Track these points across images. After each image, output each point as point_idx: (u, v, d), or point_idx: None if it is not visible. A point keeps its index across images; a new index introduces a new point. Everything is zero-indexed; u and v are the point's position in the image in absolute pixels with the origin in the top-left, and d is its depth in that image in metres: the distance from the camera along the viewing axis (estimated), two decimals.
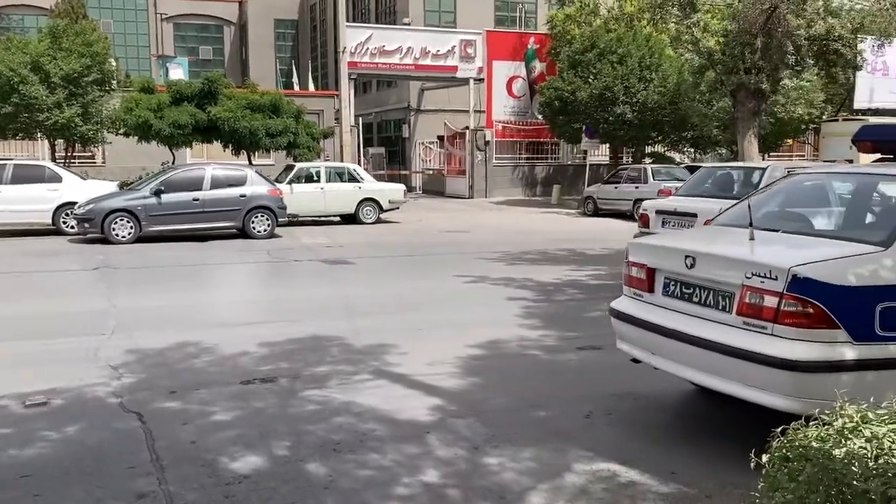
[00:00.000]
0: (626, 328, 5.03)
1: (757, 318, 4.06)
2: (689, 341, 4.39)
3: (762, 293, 4.04)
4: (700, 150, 27.26)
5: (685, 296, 4.59)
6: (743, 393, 4.17)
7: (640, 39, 24.94)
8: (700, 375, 4.47)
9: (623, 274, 5.24)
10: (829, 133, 26.43)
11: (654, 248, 5.11)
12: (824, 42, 19.51)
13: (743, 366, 4.08)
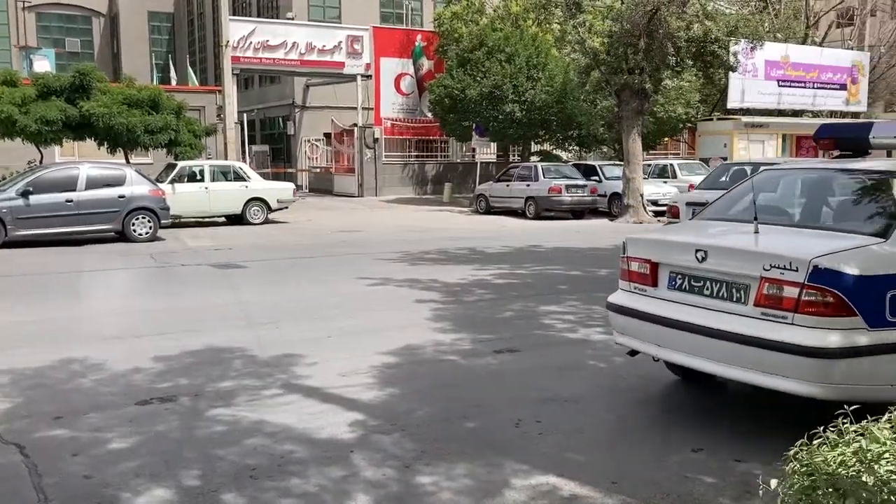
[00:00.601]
0: (628, 322, 5.11)
1: (776, 308, 4.22)
2: (702, 333, 4.49)
3: (781, 284, 4.19)
4: (585, 149, 27.87)
5: (694, 289, 4.72)
6: (763, 381, 4.31)
7: (526, 39, 25.22)
8: (714, 366, 4.55)
9: (620, 269, 5.29)
10: (705, 131, 27.71)
11: (658, 242, 5.21)
12: (702, 44, 20.22)
13: (763, 354, 4.22)
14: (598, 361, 6.25)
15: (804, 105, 29.33)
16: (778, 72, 28.05)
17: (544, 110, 24.31)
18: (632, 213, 20.09)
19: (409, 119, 29.94)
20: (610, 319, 5.41)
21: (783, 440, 4.35)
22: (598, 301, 8.69)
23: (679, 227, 5.79)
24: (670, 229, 5.82)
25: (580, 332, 7.28)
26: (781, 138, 27.73)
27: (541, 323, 7.69)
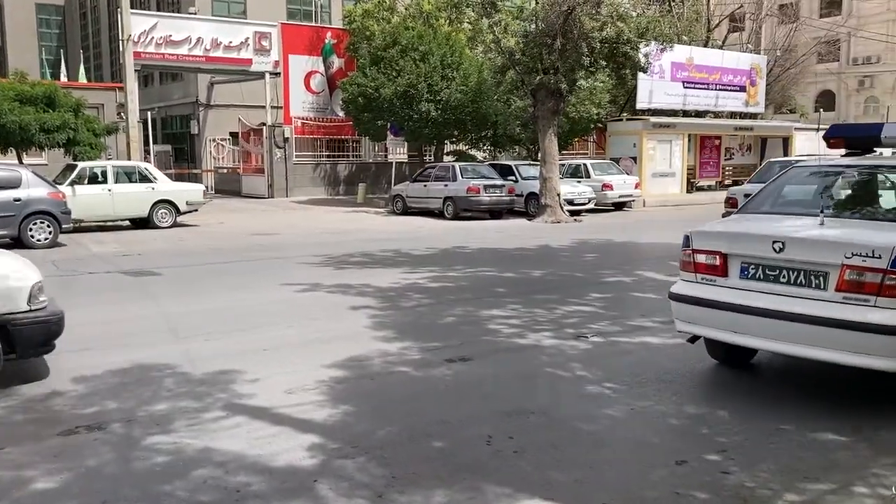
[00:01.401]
0: (697, 311, 5.43)
1: (858, 292, 4.67)
2: (783, 318, 4.91)
3: (863, 270, 4.64)
4: (500, 148, 27.88)
5: (770, 277, 5.12)
6: (847, 359, 4.73)
7: (440, 38, 25.02)
8: (796, 348, 4.97)
9: (682, 261, 5.66)
10: (615, 132, 28.14)
11: (728, 235, 5.53)
12: (615, 45, 20.48)
13: (847, 335, 4.65)
14: (555, 369, 6.03)
15: (707, 106, 30.24)
16: (683, 73, 28.82)
17: (459, 110, 24.16)
18: (549, 213, 20.15)
19: (320, 118, 29.26)
20: (674, 309, 5.68)
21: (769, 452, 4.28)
22: (539, 304, 8.56)
23: (737, 220, 6.08)
24: (731, 223, 6.06)
25: (529, 337, 7.06)
26: (687, 138, 28.49)
27: (486, 328, 7.43)
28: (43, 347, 5.63)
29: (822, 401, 5.24)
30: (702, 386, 5.65)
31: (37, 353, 5.65)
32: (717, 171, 31.05)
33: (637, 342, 6.87)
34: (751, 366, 6.08)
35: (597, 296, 9.15)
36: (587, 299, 8.93)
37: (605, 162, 25.40)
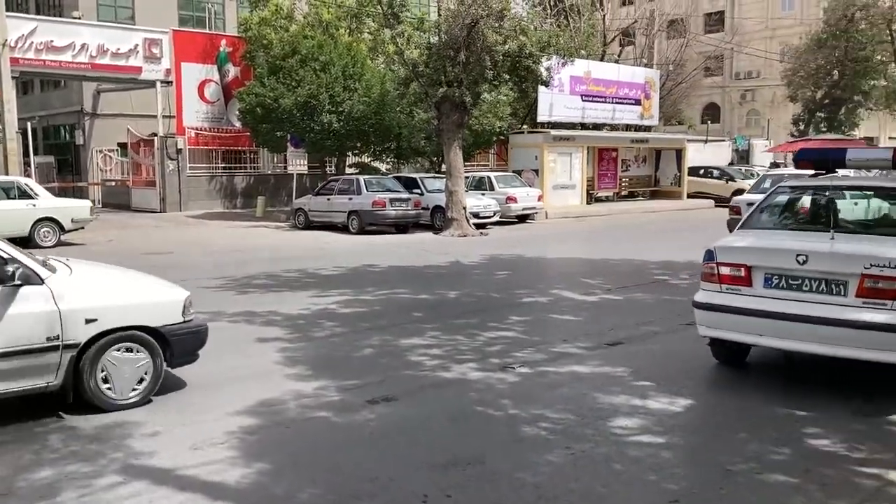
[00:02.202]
0: (724, 317, 6.16)
1: (877, 297, 5.47)
2: (808, 321, 5.66)
3: (880, 279, 5.45)
4: (403, 161, 27.52)
5: (793, 286, 5.86)
6: (867, 356, 5.56)
7: (341, 48, 24.47)
8: (820, 347, 5.74)
9: (706, 273, 6.35)
10: (517, 144, 28.27)
11: (752, 249, 6.26)
12: (517, 58, 20.48)
13: (868, 335, 5.44)
14: (486, 407, 5.67)
15: (605, 119, 30.83)
16: (582, 87, 29.27)
17: (362, 121, 23.64)
18: (456, 227, 19.91)
19: (215, 128, 28.12)
20: (698, 316, 6.39)
21: (721, 500, 4.09)
22: (459, 330, 8.20)
23: (752, 235, 6.63)
24: (749, 238, 6.57)
25: (454, 369, 6.68)
26: (586, 150, 28.92)
27: (407, 361, 7.01)
28: (191, 356, 6.08)
29: (767, 436, 5.08)
30: (639, 423, 5.40)
31: (186, 361, 6.06)
32: (615, 183, 31.68)
33: (565, 372, 6.61)
34: (692, 396, 5.91)
35: (516, 318, 8.88)
36: (507, 323, 8.64)
37: (508, 174, 25.42)
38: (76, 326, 5.35)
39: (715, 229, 20.98)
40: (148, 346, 5.71)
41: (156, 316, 5.78)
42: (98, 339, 5.48)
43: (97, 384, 5.49)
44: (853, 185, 7.16)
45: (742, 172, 33.76)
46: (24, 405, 5.59)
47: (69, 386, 5.41)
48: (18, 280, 5.16)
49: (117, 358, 5.57)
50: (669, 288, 11.23)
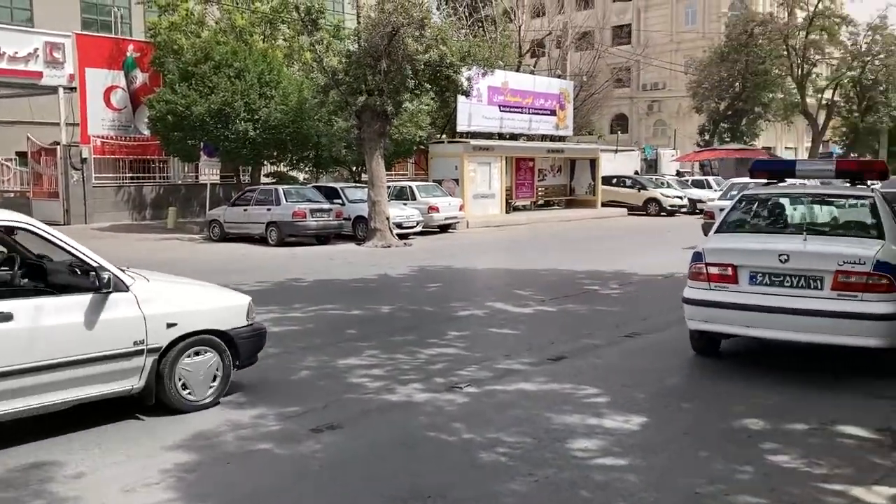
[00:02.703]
0: (714, 312, 6.91)
1: (849, 290, 6.33)
2: (790, 313, 6.49)
3: (851, 274, 6.33)
4: (322, 170, 26.98)
5: (775, 283, 6.65)
6: (841, 341, 6.43)
7: (256, 54, 23.80)
8: (801, 335, 6.61)
9: (694, 273, 7.11)
10: (437, 154, 28.15)
11: (739, 251, 7.01)
12: (438, 68, 20.36)
13: (842, 322, 6.31)
14: (438, 432, 5.40)
15: (522, 129, 31.04)
16: (500, 97, 29.39)
17: (279, 130, 23.02)
18: (379, 237, 19.58)
19: (122, 137, 26.86)
20: (689, 311, 7.17)
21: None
22: (398, 347, 7.90)
23: (732, 238, 7.43)
24: (731, 241, 7.33)
25: (399, 391, 6.39)
26: (505, 160, 29.05)
27: (348, 383, 6.67)
28: (253, 358, 6.39)
29: (728, 453, 4.99)
30: (598, 444, 5.23)
31: (250, 362, 6.36)
32: (532, 192, 31.97)
33: (514, 390, 6.40)
34: (645, 412, 5.78)
35: (455, 334, 8.65)
36: (447, 339, 8.40)
37: (430, 184, 25.25)
38: (158, 331, 5.60)
39: (632, 239, 21.50)
40: (218, 348, 5.99)
41: (225, 320, 6.08)
42: (177, 343, 5.72)
43: (176, 386, 5.71)
44: (814, 193, 8.14)
45: (653, 181, 34.60)
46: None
47: (151, 388, 5.61)
48: (111, 287, 5.33)
49: (193, 361, 5.82)
50: (601, 298, 11.23)
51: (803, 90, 46.28)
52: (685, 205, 32.24)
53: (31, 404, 5.06)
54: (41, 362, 5.04)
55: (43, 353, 5.04)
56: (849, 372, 6.96)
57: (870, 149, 54.09)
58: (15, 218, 5.49)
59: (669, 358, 7.58)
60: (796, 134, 61.93)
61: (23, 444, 5.11)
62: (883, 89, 50.60)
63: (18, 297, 5.20)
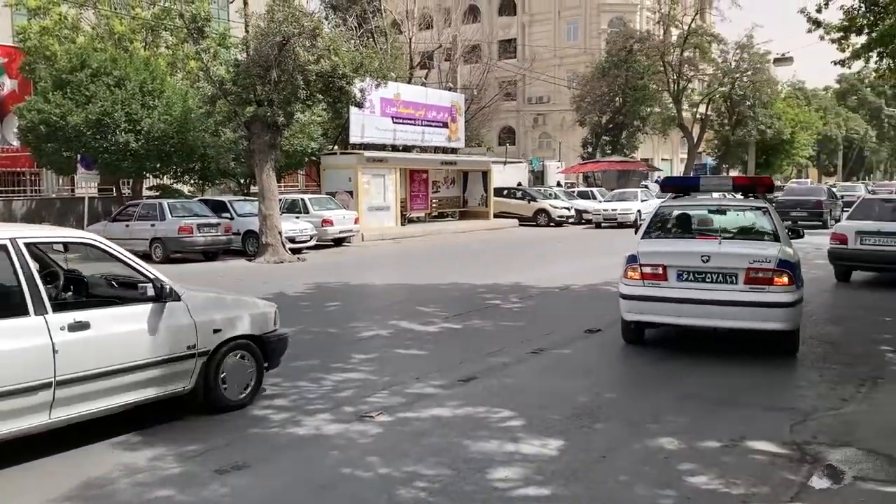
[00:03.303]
0: (649, 305, 8.19)
1: (757, 284, 7.71)
2: (712, 303, 7.82)
3: (760, 270, 7.73)
4: (209, 183, 26.01)
5: (698, 279, 7.98)
6: (755, 325, 7.86)
7: (137, 62, 22.70)
8: (719, 322, 8.03)
9: (628, 273, 8.35)
10: (329, 166, 27.73)
11: (668, 253, 8.34)
12: (330, 79, 20.00)
13: (755, 310, 7.72)
14: (353, 468, 5.13)
15: (415, 141, 31.00)
16: (392, 109, 29.24)
17: (163, 141, 22.02)
18: (271, 252, 18.99)
19: None
20: (625, 305, 8.41)
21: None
22: (302, 374, 7.56)
23: (659, 242, 8.81)
24: (660, 245, 8.68)
25: (306, 423, 6.07)
26: (399, 172, 28.92)
27: (251, 416, 6.29)
28: (279, 359, 6.99)
29: (647, 476, 4.97)
30: (519, 472, 5.10)
31: (275, 364, 6.96)
32: (427, 204, 32.00)
33: (428, 417, 6.21)
34: (561, 435, 5.69)
35: (360, 357, 8.38)
36: (352, 363, 8.12)
37: (323, 197, 24.81)
38: (207, 336, 6.16)
39: (526, 250, 21.73)
40: (253, 352, 6.57)
41: (258, 326, 6.65)
42: (221, 347, 6.28)
43: (220, 387, 6.26)
44: (720, 204, 9.87)
45: (542, 193, 35.30)
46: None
47: (200, 389, 6.17)
48: (171, 297, 5.91)
49: (233, 363, 6.39)
50: (504, 313, 11.21)
51: (679, 105, 48.41)
52: (573, 215, 33.04)
53: (105, 406, 5.56)
54: (115, 366, 5.53)
55: (116, 358, 5.54)
56: (747, 385, 7.16)
57: (739, 160, 57.27)
58: (83, 235, 6.29)
59: (577, 375, 7.58)
60: (672, 146, 64.81)
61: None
62: (751, 104, 53.68)
63: (92, 308, 5.66)
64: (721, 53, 50.80)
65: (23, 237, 5.35)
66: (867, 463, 5.18)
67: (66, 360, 5.18)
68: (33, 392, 5.03)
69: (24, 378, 4.99)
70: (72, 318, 5.31)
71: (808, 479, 4.93)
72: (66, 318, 5.29)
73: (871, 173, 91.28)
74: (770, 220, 8.79)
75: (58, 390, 5.15)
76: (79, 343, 5.27)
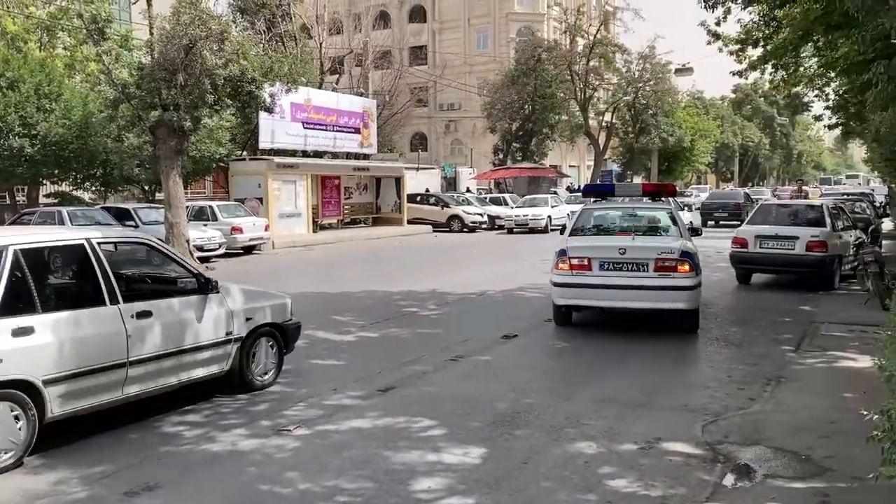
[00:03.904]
0: (577, 290, 9.74)
1: (665, 271, 9.28)
2: (629, 288, 9.38)
3: (666, 260, 9.32)
4: (111, 190, 25.01)
5: (616, 268, 9.50)
6: (662, 305, 9.44)
7: (32, 64, 21.64)
8: (634, 303, 9.56)
9: (558, 263, 9.82)
10: (238, 171, 27.12)
11: (592, 247, 9.91)
12: (239, 83, 19.56)
13: (663, 293, 9.30)
14: (272, 485, 4.98)
15: (327, 147, 30.65)
16: (303, 114, 28.82)
17: (62, 146, 21.05)
18: None
19: None
20: (556, 292, 9.95)
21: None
22: (213, 387, 7.30)
23: (585, 238, 10.45)
24: (585, 240, 10.33)
25: (221, 439, 5.87)
26: (310, 178, 28.53)
27: (161, 433, 6.04)
28: (293, 345, 7.87)
29: (569, 482, 5.01)
30: (442, 482, 5.06)
31: (291, 349, 7.84)
32: (339, 210, 31.70)
33: (347, 429, 6.11)
34: (482, 443, 5.68)
35: None
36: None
37: (232, 204, 24.20)
38: (241, 324, 7.05)
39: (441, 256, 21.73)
40: (275, 338, 7.48)
41: (279, 315, 7.57)
42: (252, 334, 7.18)
43: (252, 369, 7.19)
44: (633, 207, 11.40)
45: (455, 199, 35.49)
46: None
47: (235, 371, 7.04)
48: (215, 289, 6.84)
49: (261, 348, 7.30)
50: (421, 320, 11.18)
51: (586, 113, 49.63)
52: (485, 221, 33.31)
53: (163, 384, 6.38)
54: (171, 349, 6.37)
55: (172, 343, 6.37)
56: (660, 387, 7.35)
57: (643, 167, 59.16)
58: (139, 235, 7.49)
59: (496, 382, 7.61)
60: (579, 153, 66.36)
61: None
62: (653, 113, 55.57)
63: (151, 299, 6.41)
64: (625, 63, 52.39)
65: (94, 237, 6.14)
66: (776, 461, 5.38)
67: (135, 343, 6.02)
68: (112, 371, 5.88)
69: (107, 358, 5.83)
70: (139, 308, 6.14)
71: (722, 478, 5.08)
72: (134, 307, 6.11)
73: (764, 179, 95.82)
74: (673, 219, 10.54)
75: (129, 369, 5.99)
76: (145, 329, 6.13)
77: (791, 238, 13.69)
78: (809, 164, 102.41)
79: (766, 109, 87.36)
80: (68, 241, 6.17)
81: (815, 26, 11.56)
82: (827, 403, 6.78)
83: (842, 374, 7.93)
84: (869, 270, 11.92)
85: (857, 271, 13.27)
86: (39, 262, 5.96)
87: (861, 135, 25.48)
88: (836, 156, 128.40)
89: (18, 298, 5.40)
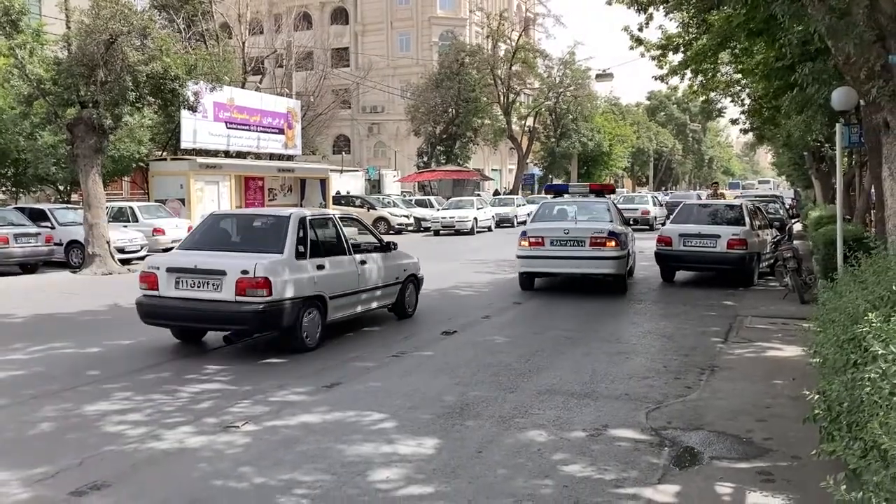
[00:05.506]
0: (533, 261, 13.26)
1: (597, 246, 12.76)
2: (571, 258, 12.89)
3: (598, 237, 12.75)
4: (24, 189, 23.92)
5: (562, 244, 12.91)
6: (596, 271, 13.03)
7: None
8: (576, 269, 13.11)
9: (521, 243, 13.31)
10: (158, 172, 26.40)
11: (544, 229, 13.30)
12: (162, 80, 19.06)
13: (596, 262, 12.84)
14: (226, 480, 4.88)
15: (250, 147, 30.19)
16: (226, 114, 28.29)
17: None
18: (99, 264, 17.75)
19: None
20: (521, 262, 13.43)
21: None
22: (153, 386, 7.15)
23: (540, 225, 13.64)
24: (541, 225, 13.66)
25: (167, 437, 5.71)
26: (234, 179, 28.01)
27: (104, 433, 5.84)
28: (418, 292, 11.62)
29: (523, 468, 5.08)
30: (400, 472, 5.06)
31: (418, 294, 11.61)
32: None
33: (296, 424, 6.03)
34: (435, 434, 5.70)
35: (215, 367, 8.00)
36: (207, 373, 7.74)
37: (152, 205, 23.52)
38: (401, 273, 10.72)
39: None
40: (415, 284, 11.26)
41: (415, 268, 11.25)
42: (406, 281, 10.82)
43: (405, 305, 10.96)
44: (580, 201, 14.62)
45: (381, 201, 35.41)
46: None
47: (400, 304, 10.82)
48: (396, 249, 10.74)
49: (409, 290, 11.03)
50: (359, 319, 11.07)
51: (509, 117, 50.29)
52: (412, 223, 33.36)
53: (370, 306, 10.16)
54: (377, 284, 10.10)
55: (376, 281, 10.04)
56: (601, 377, 7.52)
57: (563, 170, 60.32)
58: (349, 211, 13.79)
59: (441, 376, 7.64)
60: (501, 157, 67.14)
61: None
62: (573, 118, 56.79)
63: (363, 253, 10.04)
64: (546, 69, 53.31)
65: (334, 214, 10.36)
66: (719, 444, 5.59)
67: (361, 279, 9.65)
68: (353, 295, 9.56)
69: (352, 286, 9.50)
70: (359, 258, 9.72)
71: (671, 461, 5.24)
72: (357, 257, 9.69)
73: (677, 183, 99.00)
74: (608, 210, 13.89)
75: (361, 295, 9.70)
76: (365, 271, 9.73)
77: (713, 236, 14.22)
78: (719, 169, 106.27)
79: (679, 116, 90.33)
80: (323, 216, 9.81)
81: (737, 32, 12.05)
82: (759, 389, 7.08)
83: (769, 362, 8.28)
84: (788, 266, 12.49)
85: (776, 267, 13.90)
86: (316, 225, 9.20)
87: (772, 139, 26.59)
88: (743, 162, 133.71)
89: (316, 248, 8.91)
